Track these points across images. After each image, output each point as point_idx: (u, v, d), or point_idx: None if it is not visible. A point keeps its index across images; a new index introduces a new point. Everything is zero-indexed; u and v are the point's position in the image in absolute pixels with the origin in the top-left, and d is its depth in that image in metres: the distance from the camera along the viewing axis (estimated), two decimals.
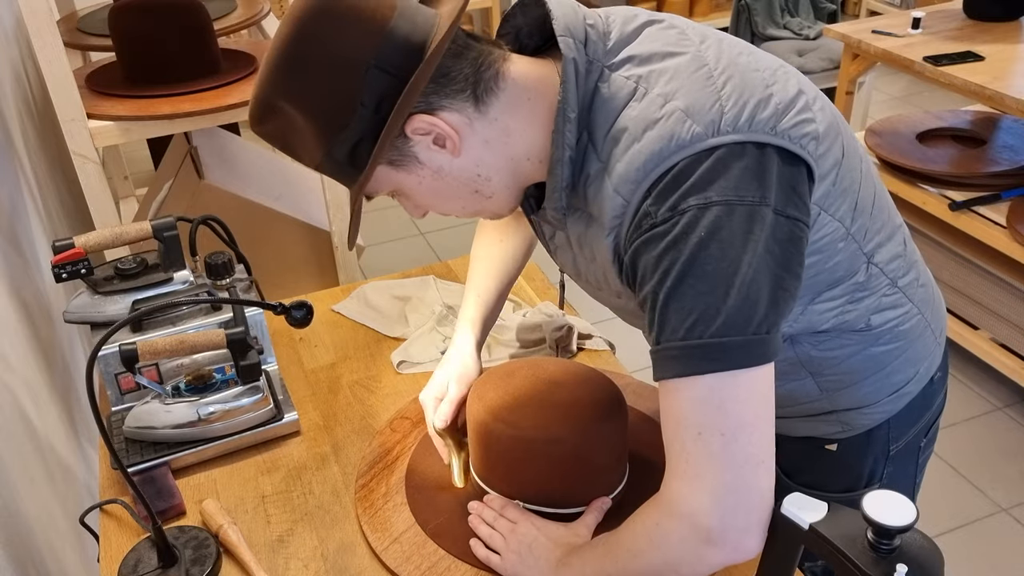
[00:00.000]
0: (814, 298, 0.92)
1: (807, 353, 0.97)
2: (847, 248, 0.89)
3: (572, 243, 0.94)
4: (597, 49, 0.85)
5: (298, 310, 1.08)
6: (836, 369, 0.99)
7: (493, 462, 1.06)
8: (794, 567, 0.84)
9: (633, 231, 0.81)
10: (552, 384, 1.06)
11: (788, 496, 0.80)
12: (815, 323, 0.94)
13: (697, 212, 0.77)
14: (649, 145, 0.79)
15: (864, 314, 0.95)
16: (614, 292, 0.93)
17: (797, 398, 1.03)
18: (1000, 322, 2.37)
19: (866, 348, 0.98)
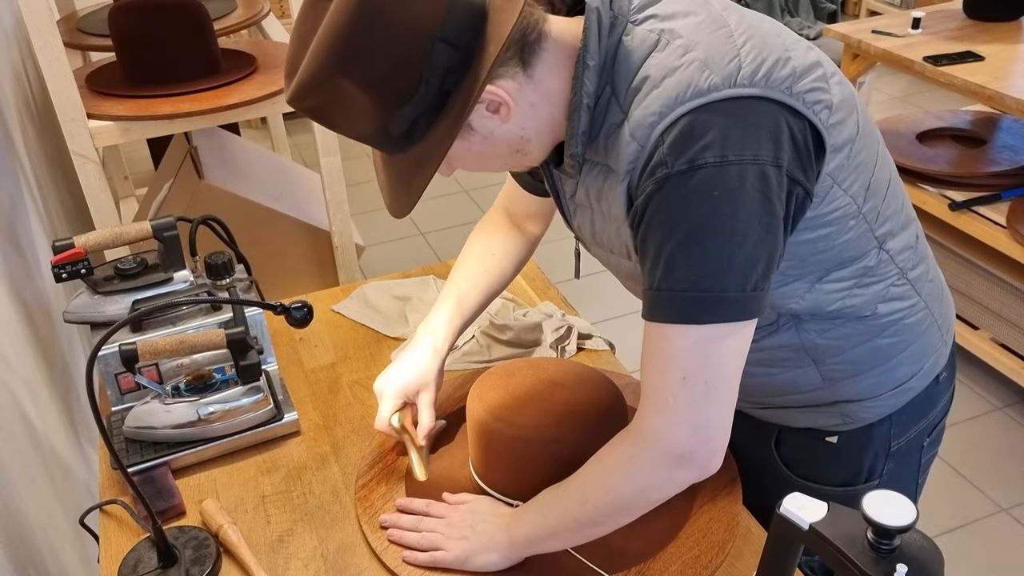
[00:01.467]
0: (822, 276, 0.93)
1: (812, 340, 0.98)
2: (857, 227, 0.91)
3: (591, 199, 0.94)
4: (623, 5, 0.86)
5: (298, 310, 1.08)
6: (839, 358, 0.99)
7: (493, 462, 1.06)
8: (794, 567, 0.84)
9: (647, 177, 0.82)
10: (552, 384, 1.06)
11: (788, 496, 0.80)
12: (822, 303, 0.95)
13: (714, 169, 0.79)
14: (666, 91, 0.81)
15: (871, 301, 0.96)
16: (626, 253, 0.93)
17: (800, 386, 1.03)
18: (1000, 322, 2.37)
19: (871, 339, 0.98)
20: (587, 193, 0.94)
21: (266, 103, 1.91)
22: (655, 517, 1.02)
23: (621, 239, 0.92)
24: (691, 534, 1.02)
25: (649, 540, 1.02)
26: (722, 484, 1.07)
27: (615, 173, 0.87)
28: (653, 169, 0.81)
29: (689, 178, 0.79)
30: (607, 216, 0.92)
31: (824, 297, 0.94)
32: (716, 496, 1.06)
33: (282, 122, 3.39)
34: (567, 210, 1.01)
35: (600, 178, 0.90)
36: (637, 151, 0.83)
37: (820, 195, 0.86)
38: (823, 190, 0.86)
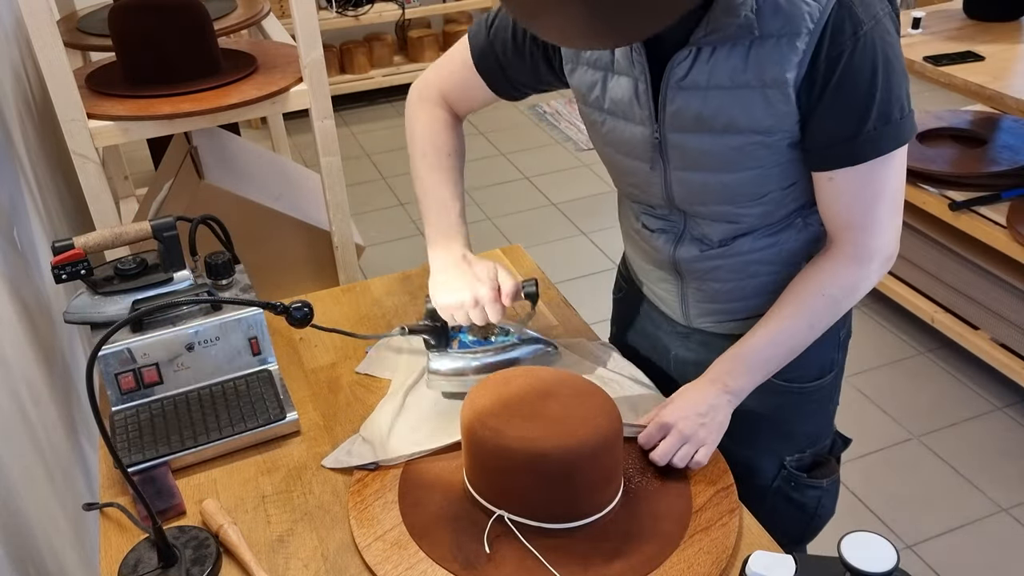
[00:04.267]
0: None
1: (816, 233, 1.13)
2: None
3: (714, 77, 0.99)
4: None
5: (298, 310, 1.08)
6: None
7: (479, 468, 1.05)
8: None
9: (837, 36, 0.93)
10: (545, 395, 1.04)
11: (752, 555, 0.79)
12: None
13: (887, 18, 0.95)
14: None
15: None
16: (746, 128, 1.00)
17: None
18: (1000, 322, 2.37)
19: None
20: (710, 72, 0.99)
21: (266, 103, 1.91)
22: (643, 543, 1.02)
23: (763, 107, 0.98)
24: (676, 563, 1.00)
25: (632, 564, 1.00)
26: (718, 515, 1.06)
27: (775, 38, 0.94)
28: (847, 29, 0.92)
29: (876, 30, 0.93)
30: (747, 88, 0.98)
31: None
32: (710, 526, 1.04)
33: (282, 122, 3.39)
34: (662, 97, 1.03)
35: (740, 50, 0.96)
36: (818, 10, 0.92)
37: None
38: None
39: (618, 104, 1.09)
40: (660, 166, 1.10)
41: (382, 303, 1.51)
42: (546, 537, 1.02)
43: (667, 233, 1.18)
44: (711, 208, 1.11)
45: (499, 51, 1.18)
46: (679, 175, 1.09)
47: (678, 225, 1.17)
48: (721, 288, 1.19)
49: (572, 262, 3.18)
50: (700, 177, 1.07)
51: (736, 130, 1.01)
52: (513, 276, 1.18)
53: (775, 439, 1.26)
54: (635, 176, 1.14)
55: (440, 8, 4.70)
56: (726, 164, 1.04)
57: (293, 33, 1.99)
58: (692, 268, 1.19)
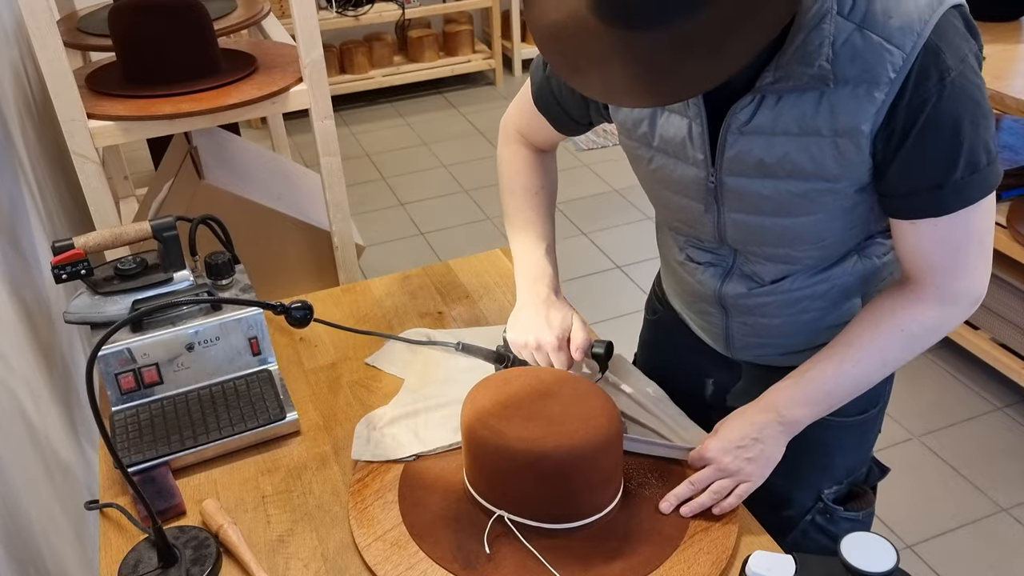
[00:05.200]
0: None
1: (872, 265, 1.08)
2: None
3: (780, 123, 0.93)
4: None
5: (298, 310, 1.08)
6: (882, 284, 1.09)
7: (479, 468, 1.05)
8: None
9: (922, 83, 0.86)
10: (546, 395, 1.04)
11: (752, 555, 0.79)
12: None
13: (975, 60, 0.88)
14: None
15: None
16: (813, 175, 0.95)
17: (842, 318, 1.10)
18: (1000, 322, 2.37)
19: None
20: (775, 118, 0.93)
21: (266, 103, 1.91)
22: (643, 543, 1.02)
23: (833, 156, 0.93)
24: (676, 563, 1.00)
25: (632, 564, 1.00)
26: (719, 515, 1.05)
27: (852, 85, 0.88)
28: (933, 75, 0.86)
29: (964, 76, 0.87)
30: (817, 135, 0.92)
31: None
32: (710, 527, 1.04)
33: (282, 122, 3.39)
34: (721, 141, 0.97)
35: (811, 97, 0.90)
36: (902, 59, 0.85)
37: None
38: None
39: (669, 143, 1.03)
40: (714, 208, 1.04)
41: (382, 303, 1.51)
42: (546, 537, 1.02)
43: (714, 267, 1.13)
44: (766, 249, 1.06)
45: (555, 87, 1.15)
46: (734, 217, 1.03)
47: (727, 260, 1.11)
48: (769, 323, 1.14)
49: (572, 262, 3.19)
50: (757, 220, 1.02)
51: (801, 177, 0.95)
52: (587, 331, 1.16)
53: (814, 471, 1.20)
54: (685, 213, 1.09)
55: (440, 8, 4.70)
56: (787, 209, 0.99)
57: (293, 33, 1.99)
58: (738, 304, 1.13)
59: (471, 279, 1.56)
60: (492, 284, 1.55)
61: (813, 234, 1.01)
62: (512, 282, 1.54)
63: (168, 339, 1.22)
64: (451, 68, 4.79)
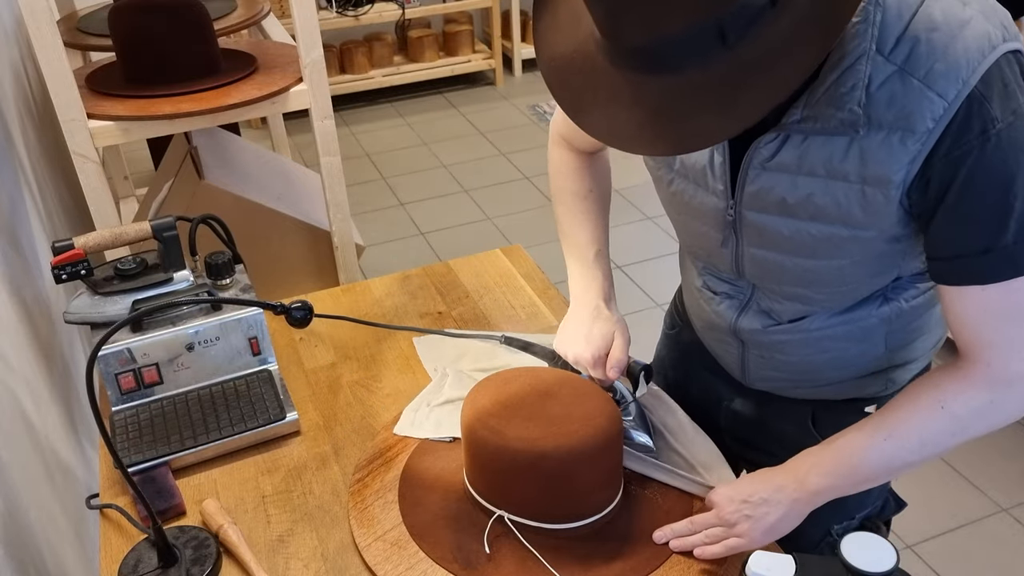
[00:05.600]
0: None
1: (898, 308, 0.99)
2: None
3: (805, 163, 0.87)
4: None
5: (298, 310, 1.08)
6: (910, 325, 1.01)
7: (479, 468, 1.05)
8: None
9: (963, 135, 0.78)
10: (546, 395, 1.04)
11: (752, 555, 0.79)
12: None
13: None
14: (972, 43, 0.78)
15: None
16: (838, 219, 0.88)
17: (865, 356, 1.04)
18: None
19: (936, 303, 1.01)
20: (801, 156, 0.86)
21: (266, 103, 1.91)
22: (643, 544, 1.02)
23: (860, 203, 0.86)
24: (676, 563, 1.00)
25: (632, 565, 1.00)
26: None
27: (887, 131, 0.81)
28: (975, 126, 0.78)
29: (1015, 128, 0.78)
30: (845, 180, 0.85)
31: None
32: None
33: (282, 122, 3.39)
34: (742, 175, 0.92)
35: (841, 140, 0.83)
36: (943, 108, 0.78)
37: None
38: None
39: (690, 169, 0.98)
40: (732, 241, 0.99)
41: (382, 303, 1.51)
42: (546, 537, 1.02)
43: (731, 299, 1.08)
44: (784, 288, 1.00)
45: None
46: (753, 252, 0.98)
47: (744, 293, 1.06)
48: (787, 359, 1.08)
49: None
50: (777, 258, 0.96)
51: (825, 220, 0.89)
52: (626, 350, 1.12)
53: (825, 508, 1.07)
54: (703, 241, 1.04)
55: (440, 8, 4.70)
56: (808, 251, 0.93)
57: (293, 33, 1.99)
58: (755, 339, 1.08)
59: (471, 279, 1.56)
60: (492, 284, 1.55)
61: (835, 278, 0.95)
62: (513, 282, 1.54)
63: (168, 339, 1.22)
64: (451, 68, 4.79)
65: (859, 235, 0.88)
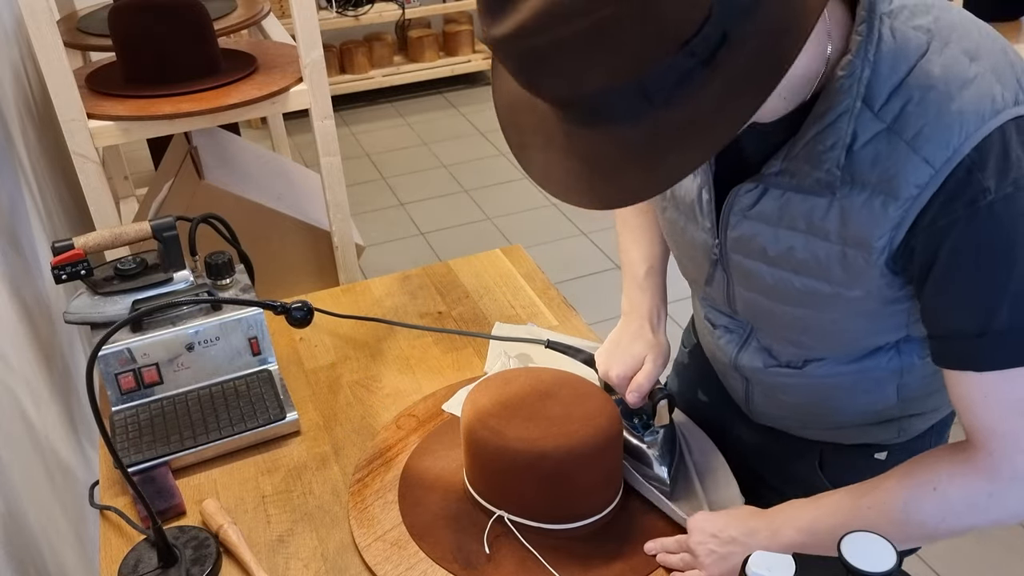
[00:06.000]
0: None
1: (911, 362, 0.93)
2: None
3: (786, 217, 0.83)
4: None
5: (298, 310, 1.08)
6: (926, 379, 0.95)
7: (479, 468, 1.05)
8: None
9: (948, 203, 0.72)
10: (546, 396, 1.04)
11: (752, 555, 0.78)
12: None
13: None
14: (969, 105, 0.71)
15: None
16: (819, 276, 0.84)
17: (875, 406, 0.99)
18: None
19: None
20: (781, 209, 0.83)
21: (266, 103, 1.91)
22: (641, 545, 1.02)
23: (840, 265, 0.82)
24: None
25: (632, 565, 1.00)
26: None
27: (869, 193, 0.76)
28: (964, 196, 0.71)
29: (1012, 200, 0.71)
30: (826, 240, 0.81)
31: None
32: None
33: (282, 122, 3.39)
34: (724, 218, 0.90)
35: (823, 198, 0.79)
36: (929, 174, 0.72)
37: None
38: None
39: (681, 201, 0.96)
40: (723, 279, 0.96)
41: (382, 303, 1.51)
42: (546, 537, 1.02)
43: (731, 333, 1.03)
44: (778, 332, 0.95)
45: None
46: (743, 293, 0.95)
47: (744, 328, 1.01)
48: (790, 401, 1.03)
49: (572, 262, 3.18)
50: (766, 303, 0.92)
51: (808, 275, 0.85)
52: (653, 376, 1.07)
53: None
54: (698, 272, 1.01)
55: (440, 8, 4.70)
56: (795, 300, 0.88)
57: (293, 33, 1.99)
58: (757, 378, 1.04)
59: (471, 279, 1.56)
60: (492, 284, 1.55)
61: (829, 330, 0.90)
62: (512, 282, 1.54)
63: (168, 339, 1.22)
64: (451, 68, 4.79)
65: (843, 294, 0.84)
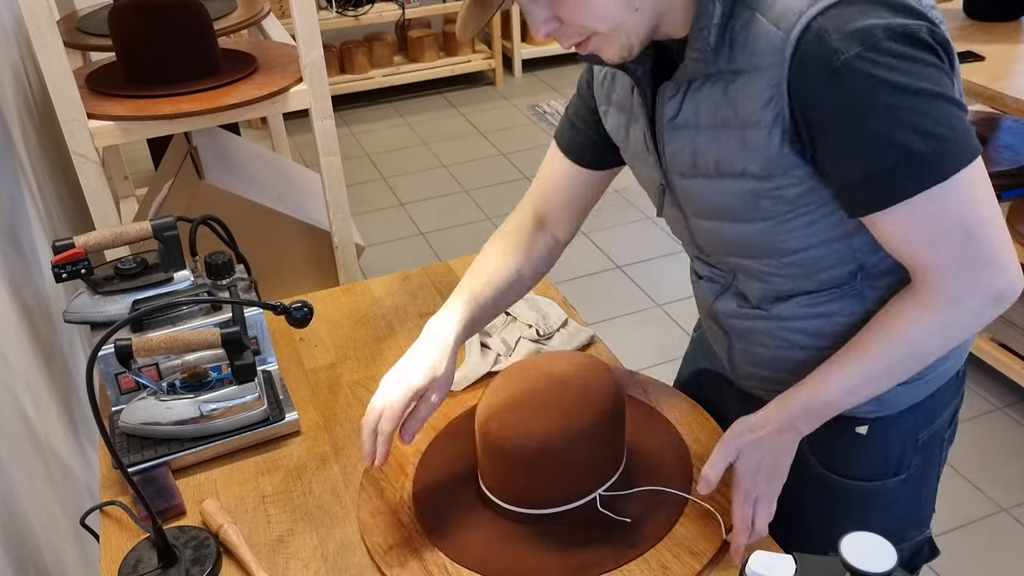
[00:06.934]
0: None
1: (875, 308, 0.97)
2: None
3: (700, 116, 0.91)
4: None
5: (298, 310, 1.08)
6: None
7: (489, 464, 1.06)
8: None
9: (808, 68, 0.81)
10: (560, 386, 1.05)
11: (752, 555, 0.79)
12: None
13: (885, 40, 0.79)
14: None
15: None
16: (740, 170, 0.90)
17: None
18: (1000, 322, 2.36)
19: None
20: (696, 110, 0.91)
21: (266, 103, 1.91)
22: (634, 526, 1.03)
23: (744, 150, 0.88)
24: (668, 546, 1.01)
25: (619, 548, 1.01)
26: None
27: (746, 73, 0.85)
28: (818, 59, 0.80)
29: (864, 58, 0.79)
30: (727, 127, 0.89)
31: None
32: (713, 497, 1.05)
33: (282, 122, 3.39)
34: (660, 138, 0.97)
35: (719, 87, 0.88)
36: (782, 40, 0.81)
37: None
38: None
39: (637, 149, 1.03)
40: (679, 214, 1.03)
41: (382, 303, 1.51)
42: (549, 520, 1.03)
43: (713, 283, 1.09)
44: (734, 261, 1.02)
45: (577, 121, 1.14)
46: (696, 223, 1.01)
47: (726, 277, 1.07)
48: (764, 353, 1.07)
49: (572, 262, 3.18)
50: (714, 226, 0.98)
51: (728, 174, 0.91)
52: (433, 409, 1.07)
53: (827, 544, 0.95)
54: (667, 219, 1.08)
55: (440, 8, 4.70)
56: (732, 212, 0.95)
57: (293, 33, 1.99)
58: (732, 325, 1.09)
59: None
60: None
61: (771, 244, 0.95)
62: None
63: None
64: (451, 68, 4.79)
65: (762, 188, 0.90)
